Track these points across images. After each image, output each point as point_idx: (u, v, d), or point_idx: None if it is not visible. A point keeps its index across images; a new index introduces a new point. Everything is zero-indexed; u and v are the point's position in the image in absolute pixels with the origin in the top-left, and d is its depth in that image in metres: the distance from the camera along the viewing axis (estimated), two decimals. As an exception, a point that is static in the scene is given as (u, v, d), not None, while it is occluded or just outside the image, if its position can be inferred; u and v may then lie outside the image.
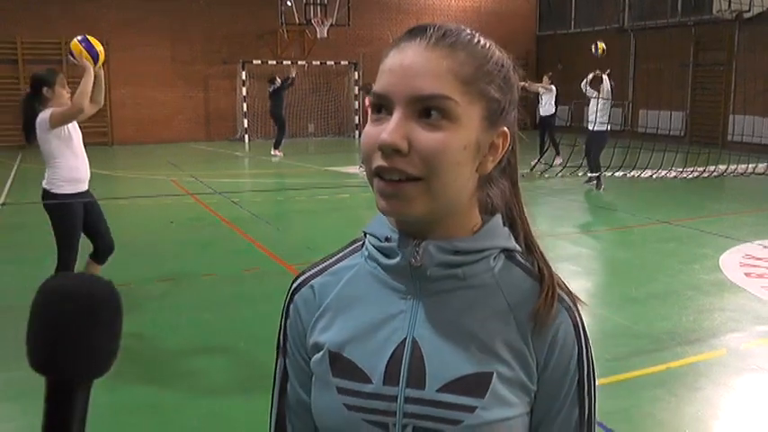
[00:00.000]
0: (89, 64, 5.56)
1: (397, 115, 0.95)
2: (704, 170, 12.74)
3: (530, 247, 1.10)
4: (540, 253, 1.11)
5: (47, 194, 5.56)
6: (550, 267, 1.08)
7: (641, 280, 7.04)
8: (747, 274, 7.11)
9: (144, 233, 9.33)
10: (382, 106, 0.98)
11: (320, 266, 1.14)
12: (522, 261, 1.07)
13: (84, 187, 5.72)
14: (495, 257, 1.04)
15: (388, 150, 0.94)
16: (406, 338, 1.02)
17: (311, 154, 19.49)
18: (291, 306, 1.14)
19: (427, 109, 0.95)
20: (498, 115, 1.01)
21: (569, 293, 1.06)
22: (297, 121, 22.77)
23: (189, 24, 20.88)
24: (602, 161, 12.42)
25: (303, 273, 1.15)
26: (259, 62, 21.23)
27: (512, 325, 1.01)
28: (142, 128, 20.69)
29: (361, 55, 22.36)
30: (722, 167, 13.03)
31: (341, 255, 1.15)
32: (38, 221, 9.93)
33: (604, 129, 12.32)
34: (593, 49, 13.87)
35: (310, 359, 1.09)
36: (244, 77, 21.10)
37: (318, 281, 1.12)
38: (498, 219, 1.08)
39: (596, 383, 1.07)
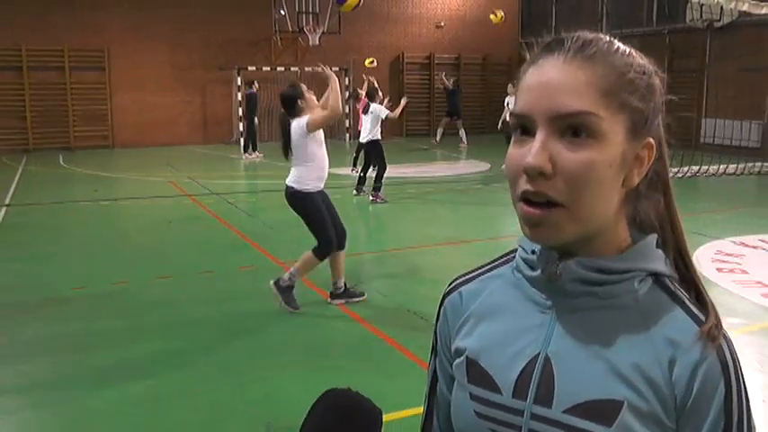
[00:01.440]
0: (333, 74, 6.04)
1: (540, 136, 0.89)
2: (678, 171, 12.78)
3: (682, 268, 1.02)
4: (698, 278, 1.01)
5: (295, 192, 5.92)
6: (709, 299, 0.98)
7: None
8: (719, 270, 7.14)
9: (144, 232, 9.31)
10: (524, 127, 0.92)
11: (472, 274, 1.12)
12: (671, 287, 0.97)
13: (323, 185, 6.03)
14: (641, 280, 0.96)
15: (534, 174, 0.89)
16: (539, 354, 0.97)
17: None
18: (442, 309, 1.12)
19: (571, 127, 0.89)
20: (642, 126, 0.93)
21: (720, 326, 0.94)
22: (290, 125, 22.75)
23: (187, 32, 20.81)
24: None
25: (457, 278, 1.13)
26: (254, 68, 21.16)
27: (649, 354, 0.92)
28: (142, 131, 20.60)
29: (351, 61, 22.34)
30: (695, 168, 13.08)
31: (494, 264, 1.11)
32: (41, 222, 9.93)
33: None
34: (492, 17, 13.55)
35: (454, 362, 1.07)
36: (239, 83, 21.05)
37: (467, 288, 1.10)
38: (652, 238, 1.00)
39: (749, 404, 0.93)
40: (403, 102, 13.44)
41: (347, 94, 21.21)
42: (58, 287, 6.64)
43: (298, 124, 5.83)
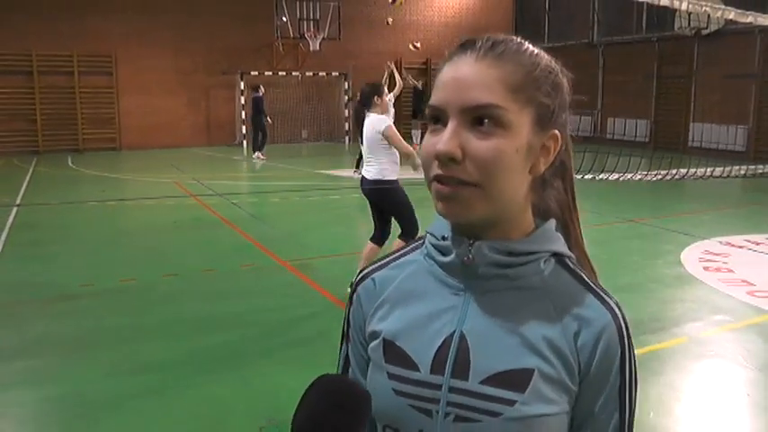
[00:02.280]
0: (413, 154, 6.08)
1: (451, 126, 0.94)
2: (667, 173, 12.78)
3: (576, 250, 1.09)
4: (587, 258, 1.09)
5: (380, 182, 6.06)
6: (595, 273, 1.07)
7: (608, 274, 7.02)
8: (706, 268, 7.15)
9: (149, 232, 9.30)
10: (438, 118, 0.96)
11: (383, 262, 1.14)
12: (572, 266, 1.04)
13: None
14: (545, 261, 1.02)
15: (445, 159, 0.93)
16: (454, 332, 1.00)
17: (304, 158, 19.44)
18: (354, 296, 1.13)
19: (479, 118, 0.93)
20: (548, 119, 0.98)
21: (612, 298, 1.02)
22: (291, 128, 22.76)
23: (191, 37, 20.80)
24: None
25: (367, 267, 1.15)
26: (256, 73, 21.17)
27: (557, 327, 0.98)
28: (147, 134, 20.59)
29: (350, 67, 22.36)
30: (683, 171, 13.09)
31: (403, 251, 1.14)
32: (50, 222, 9.93)
33: None
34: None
35: (368, 345, 1.08)
36: (242, 87, 21.04)
37: (380, 274, 1.12)
38: (552, 223, 1.05)
39: (638, 390, 1.02)
40: (392, 66, 13.78)
41: (346, 98, 21.22)
42: (66, 284, 6.64)
43: (374, 124, 5.99)
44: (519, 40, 1.00)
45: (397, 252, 1.14)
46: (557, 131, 1.00)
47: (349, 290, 1.19)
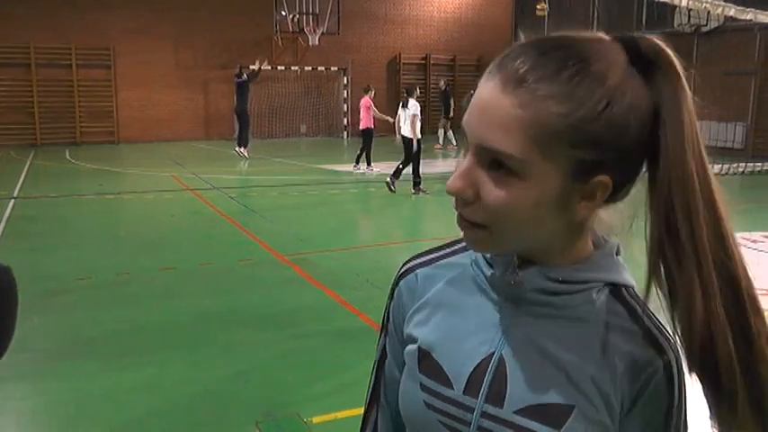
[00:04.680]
0: None
1: (467, 161, 0.84)
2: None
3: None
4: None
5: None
6: (654, 319, 0.93)
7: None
8: (703, 266, 7.14)
9: (147, 225, 9.30)
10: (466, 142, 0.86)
11: (429, 257, 1.06)
12: (628, 298, 0.93)
13: None
14: (598, 290, 0.92)
15: (456, 196, 0.85)
16: (494, 353, 0.93)
17: (303, 153, 19.43)
18: (397, 290, 1.07)
19: (496, 161, 0.81)
20: (595, 167, 0.81)
21: (669, 339, 0.90)
22: (289, 122, 22.74)
23: (191, 32, 20.77)
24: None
25: (412, 259, 1.07)
26: (255, 67, 21.17)
27: (603, 365, 0.89)
28: (146, 127, 20.59)
29: (349, 61, 22.35)
30: (681, 168, 13.06)
31: (452, 250, 1.05)
32: (47, 214, 9.92)
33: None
34: None
35: (405, 347, 1.03)
36: (241, 81, 21.03)
37: (424, 271, 1.04)
38: (611, 248, 0.95)
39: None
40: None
41: (345, 92, 21.18)
42: (63, 277, 6.63)
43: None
44: (576, 60, 0.80)
45: (446, 248, 1.06)
46: (605, 178, 0.82)
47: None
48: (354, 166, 14.10)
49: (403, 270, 1.07)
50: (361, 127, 13.84)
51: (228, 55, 21.21)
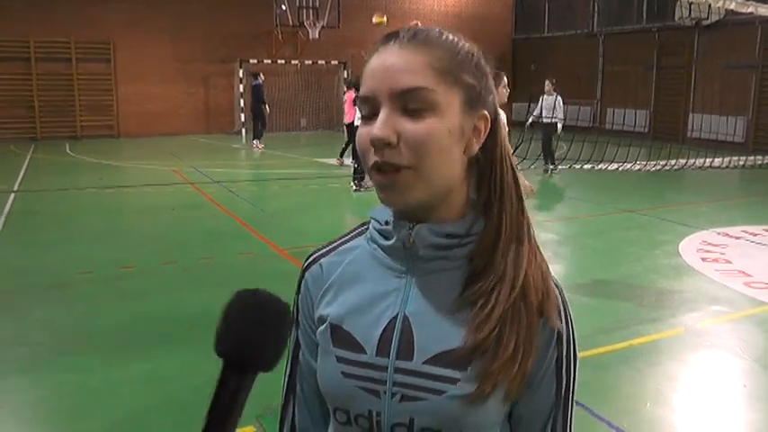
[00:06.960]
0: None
1: (383, 112, 0.95)
2: (666, 164, 12.81)
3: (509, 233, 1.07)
4: (525, 244, 1.09)
5: None
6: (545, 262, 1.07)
7: (606, 264, 7.07)
8: (704, 259, 7.16)
9: (148, 219, 9.30)
10: (370, 107, 0.98)
11: (329, 247, 1.16)
12: None
13: None
14: None
15: (380, 145, 0.95)
16: (398, 314, 1.02)
17: (303, 146, 19.42)
18: (303, 282, 1.15)
19: (411, 102, 0.95)
20: (477, 100, 1.00)
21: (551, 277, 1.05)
22: (289, 116, 22.73)
23: (190, 25, 20.73)
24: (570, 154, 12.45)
25: (314, 252, 1.16)
26: (255, 61, 21.11)
27: None
28: (146, 121, 20.56)
29: (349, 55, 22.29)
30: (682, 161, 13.09)
31: (348, 237, 1.16)
32: (48, 208, 9.92)
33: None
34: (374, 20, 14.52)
35: (317, 330, 1.10)
36: (241, 75, 20.99)
37: (326, 260, 1.13)
38: (480, 204, 1.06)
39: (577, 363, 1.05)
40: None
41: (345, 86, 21.15)
42: (64, 271, 6.64)
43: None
44: (439, 29, 1.03)
45: (344, 236, 1.16)
46: (486, 112, 1.01)
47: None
48: (338, 160, 14.20)
49: (307, 263, 1.15)
50: (345, 121, 13.68)
51: (228, 49, 21.18)
